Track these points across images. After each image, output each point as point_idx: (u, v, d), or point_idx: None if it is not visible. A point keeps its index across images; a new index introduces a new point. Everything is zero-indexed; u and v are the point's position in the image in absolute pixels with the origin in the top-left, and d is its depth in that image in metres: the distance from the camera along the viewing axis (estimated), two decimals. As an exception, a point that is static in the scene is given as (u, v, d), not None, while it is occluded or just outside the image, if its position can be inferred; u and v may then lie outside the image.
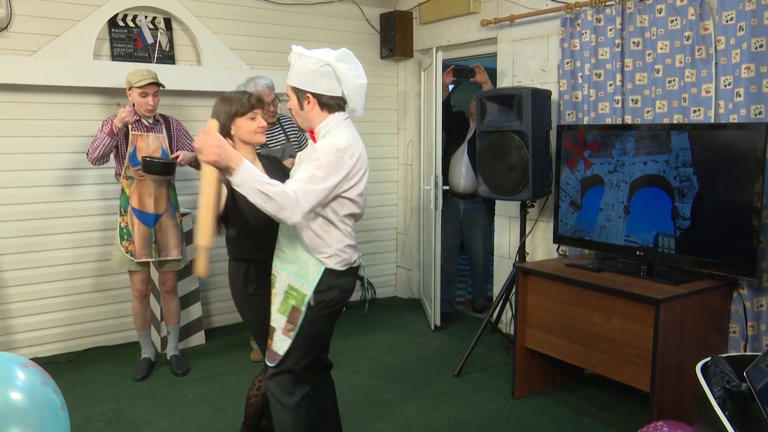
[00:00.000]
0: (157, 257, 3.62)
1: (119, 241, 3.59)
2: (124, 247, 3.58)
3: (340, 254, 2.25)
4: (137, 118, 3.55)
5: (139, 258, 3.58)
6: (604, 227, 3.29)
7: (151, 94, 3.51)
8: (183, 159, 3.59)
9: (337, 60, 2.15)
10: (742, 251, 2.75)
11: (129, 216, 3.57)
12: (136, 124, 3.55)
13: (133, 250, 3.57)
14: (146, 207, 3.56)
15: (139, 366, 3.75)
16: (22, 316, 3.93)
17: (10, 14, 3.69)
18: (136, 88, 3.48)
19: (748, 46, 2.89)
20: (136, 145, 3.53)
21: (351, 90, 2.19)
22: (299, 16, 4.74)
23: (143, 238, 3.57)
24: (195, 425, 3.15)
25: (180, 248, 3.70)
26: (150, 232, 3.58)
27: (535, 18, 4.03)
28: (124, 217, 3.58)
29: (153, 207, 3.57)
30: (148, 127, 3.59)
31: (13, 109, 3.79)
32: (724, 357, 2.13)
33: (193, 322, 4.25)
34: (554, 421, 3.19)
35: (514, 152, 3.63)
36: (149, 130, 3.59)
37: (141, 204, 3.55)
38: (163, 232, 3.63)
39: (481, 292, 4.98)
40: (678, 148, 2.94)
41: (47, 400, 2.00)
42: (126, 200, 3.57)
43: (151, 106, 3.53)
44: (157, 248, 3.62)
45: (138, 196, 3.55)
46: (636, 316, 2.83)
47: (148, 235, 3.58)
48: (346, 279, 2.30)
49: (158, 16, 4.19)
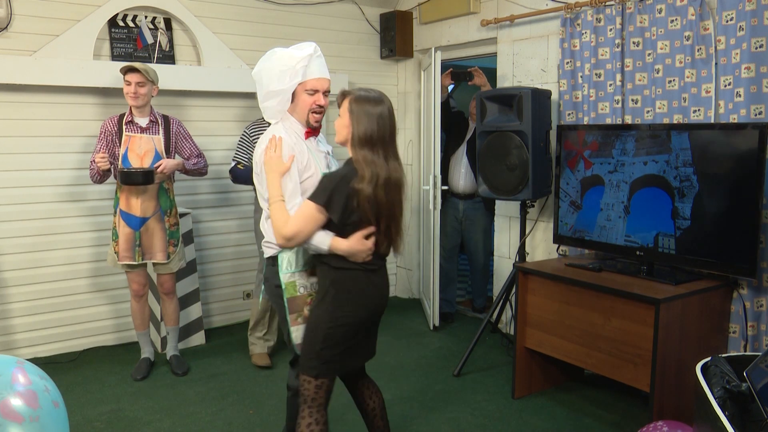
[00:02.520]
0: (140, 260, 3.59)
1: (111, 240, 3.62)
2: (113, 247, 3.60)
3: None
4: (130, 119, 3.53)
5: (122, 260, 3.57)
6: (604, 227, 3.29)
7: (133, 83, 3.46)
8: (165, 168, 3.52)
9: None
10: (742, 251, 2.75)
11: (117, 217, 3.57)
12: (130, 125, 3.53)
13: (118, 251, 3.57)
14: (132, 209, 3.54)
15: (138, 366, 3.75)
16: (22, 316, 3.93)
17: (10, 14, 3.69)
18: (125, 79, 3.48)
19: (748, 46, 2.89)
20: (128, 147, 3.52)
21: None
22: (299, 16, 4.74)
23: (127, 240, 3.55)
24: (195, 425, 3.15)
25: (165, 252, 3.64)
26: (134, 235, 3.55)
27: (535, 18, 4.03)
28: (114, 218, 3.59)
29: (140, 210, 3.53)
30: (143, 128, 3.56)
31: (13, 109, 3.79)
32: (724, 357, 2.13)
33: (193, 322, 4.25)
34: (554, 421, 3.19)
35: (514, 152, 3.63)
36: (143, 131, 3.56)
37: (128, 206, 3.54)
38: (149, 236, 3.59)
39: (481, 292, 4.98)
40: (678, 148, 2.94)
41: (43, 398, 2.00)
42: (117, 201, 3.57)
43: (134, 94, 3.47)
44: (141, 251, 3.58)
45: (126, 199, 3.53)
46: (636, 316, 2.83)
47: (132, 237, 3.56)
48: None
49: (158, 16, 4.18)
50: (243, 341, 4.28)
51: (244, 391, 3.54)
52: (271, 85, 2.33)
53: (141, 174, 3.42)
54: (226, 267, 4.64)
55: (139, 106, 3.52)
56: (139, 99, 3.49)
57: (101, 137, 3.55)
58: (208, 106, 4.44)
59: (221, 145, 4.43)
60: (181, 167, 3.66)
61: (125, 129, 3.53)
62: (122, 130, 3.52)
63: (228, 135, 4.46)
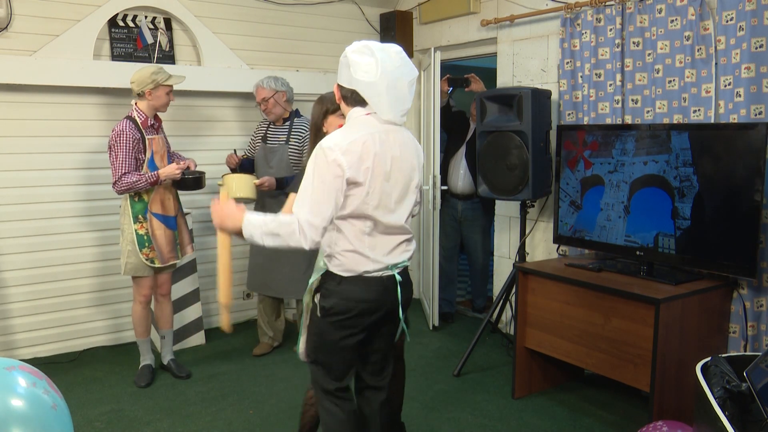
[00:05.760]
0: (181, 257, 3.70)
1: (137, 248, 3.48)
2: (144, 254, 3.49)
3: (338, 257, 2.10)
4: (150, 123, 3.50)
5: (168, 261, 3.59)
6: (604, 227, 3.29)
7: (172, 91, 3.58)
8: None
9: (353, 51, 2.06)
10: (742, 251, 2.75)
11: (149, 222, 3.49)
12: (150, 128, 3.52)
13: (154, 257, 3.51)
14: (168, 210, 3.57)
15: (141, 374, 3.67)
16: (22, 316, 3.93)
17: (10, 14, 3.69)
18: (164, 86, 3.47)
19: (748, 46, 2.89)
20: (153, 150, 3.51)
21: (362, 86, 2.04)
22: (299, 16, 4.74)
23: (170, 242, 3.58)
24: (195, 425, 3.15)
25: (192, 244, 3.81)
26: (174, 234, 3.62)
27: (535, 18, 4.03)
28: (143, 224, 3.48)
29: (173, 209, 3.60)
30: (156, 128, 3.59)
31: (13, 109, 3.78)
32: (724, 357, 2.13)
33: (192, 322, 4.25)
34: (554, 421, 3.19)
35: (514, 152, 3.63)
36: (157, 132, 3.59)
37: (164, 208, 3.55)
38: (181, 232, 3.70)
39: (480, 292, 4.98)
40: (678, 148, 2.94)
41: (39, 401, 2.00)
42: (144, 207, 3.48)
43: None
44: (180, 249, 3.69)
45: (160, 201, 3.53)
46: (636, 316, 2.83)
47: (173, 237, 3.60)
48: (350, 287, 2.11)
49: (158, 16, 4.18)
50: (243, 341, 4.28)
51: (244, 391, 3.54)
52: None
53: (196, 180, 3.56)
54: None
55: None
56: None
57: (126, 146, 3.37)
58: (207, 106, 4.44)
59: (221, 145, 4.43)
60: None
61: (146, 132, 3.49)
62: (144, 135, 3.47)
63: (228, 135, 4.46)
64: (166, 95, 3.50)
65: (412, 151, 2.21)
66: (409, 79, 2.09)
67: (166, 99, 3.50)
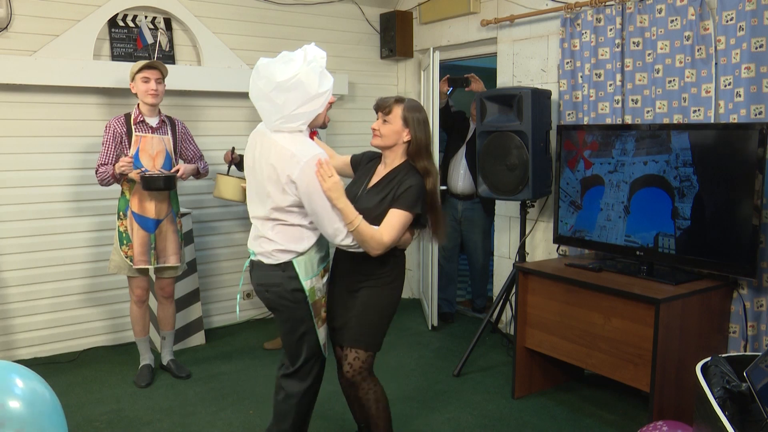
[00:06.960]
0: (155, 264, 3.54)
1: (118, 245, 3.49)
2: (123, 252, 3.48)
3: None
4: (141, 119, 3.48)
5: (138, 264, 3.48)
6: (604, 227, 3.29)
7: (153, 79, 3.43)
8: (184, 173, 3.53)
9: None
10: (742, 251, 2.75)
11: (129, 220, 3.47)
12: (141, 125, 3.47)
13: (132, 255, 3.47)
14: (147, 212, 3.47)
15: (141, 374, 3.66)
16: (22, 316, 3.93)
17: (10, 14, 3.69)
18: (138, 76, 3.42)
19: (748, 46, 2.89)
20: (139, 147, 3.45)
21: None
22: (299, 16, 4.75)
23: (142, 243, 3.47)
24: (195, 425, 3.15)
25: (178, 255, 3.61)
26: (150, 237, 3.49)
27: (535, 18, 4.03)
28: (123, 221, 3.48)
29: (154, 212, 3.47)
30: (153, 128, 3.51)
31: (13, 109, 3.78)
32: (724, 357, 2.13)
33: (192, 322, 4.25)
34: (554, 421, 3.19)
35: (514, 152, 3.63)
36: (154, 132, 3.51)
37: (141, 208, 3.46)
38: (163, 238, 3.53)
39: (480, 292, 4.98)
40: (678, 148, 2.94)
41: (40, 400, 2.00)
42: (126, 203, 3.47)
43: (154, 91, 3.43)
44: (155, 255, 3.53)
45: (138, 200, 3.45)
46: (636, 316, 2.83)
47: (147, 240, 3.48)
48: None
49: (158, 16, 4.19)
50: (243, 341, 4.28)
51: (244, 391, 3.54)
52: (315, 87, 2.21)
53: (163, 179, 3.37)
54: (226, 267, 4.64)
55: (156, 104, 3.49)
56: (158, 97, 3.47)
57: (109, 138, 3.43)
58: (208, 106, 4.44)
59: (221, 145, 4.42)
60: (196, 171, 3.67)
61: (135, 129, 3.45)
62: (131, 131, 3.45)
63: (228, 135, 4.46)
64: (143, 83, 3.42)
65: (272, 159, 2.27)
66: (268, 90, 2.24)
67: (143, 87, 3.42)
